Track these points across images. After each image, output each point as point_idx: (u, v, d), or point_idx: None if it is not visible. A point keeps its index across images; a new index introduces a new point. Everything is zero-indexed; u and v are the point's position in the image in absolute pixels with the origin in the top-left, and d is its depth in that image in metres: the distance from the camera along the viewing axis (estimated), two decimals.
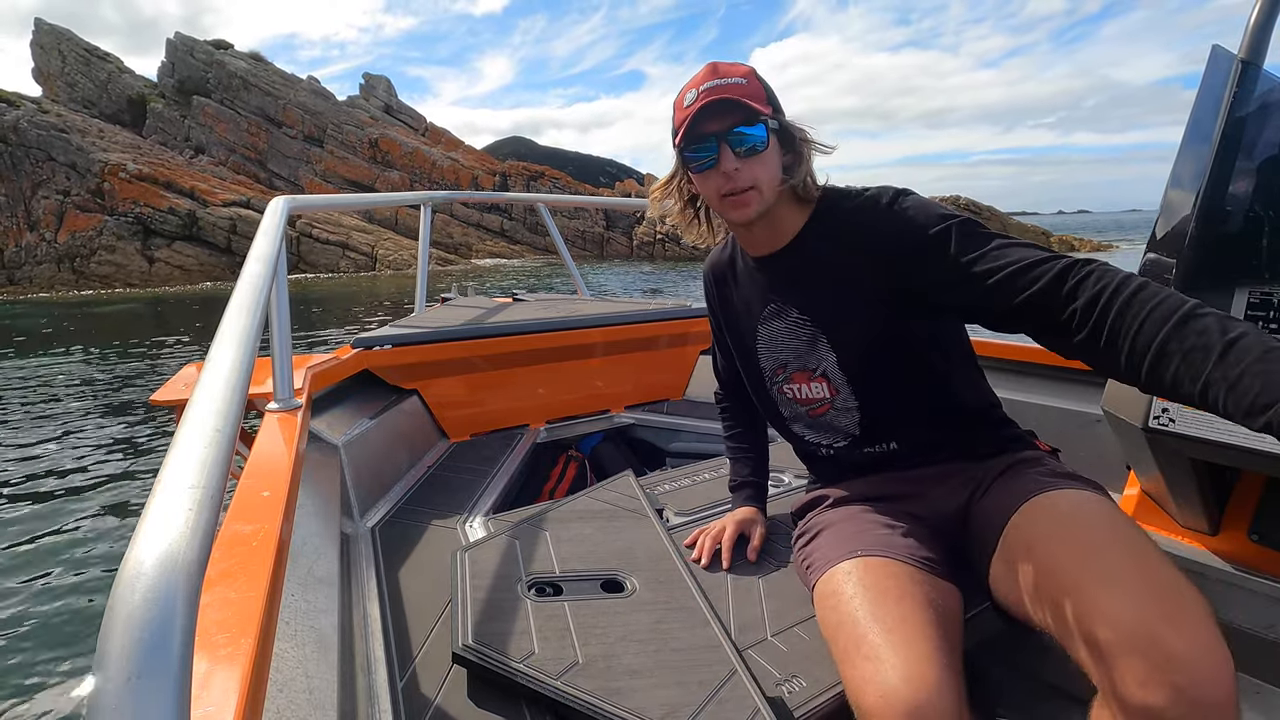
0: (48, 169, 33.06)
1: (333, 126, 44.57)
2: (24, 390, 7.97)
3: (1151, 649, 0.66)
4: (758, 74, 0.95)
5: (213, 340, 0.76)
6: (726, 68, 0.94)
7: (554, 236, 3.12)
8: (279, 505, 0.80)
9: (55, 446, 5.51)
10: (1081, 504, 0.84)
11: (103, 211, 31.88)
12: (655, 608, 1.00)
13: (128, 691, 0.31)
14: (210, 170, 39.40)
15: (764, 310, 1.07)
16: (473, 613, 0.96)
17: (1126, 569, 0.72)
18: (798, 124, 0.97)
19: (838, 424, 1.05)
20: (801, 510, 1.15)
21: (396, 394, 1.83)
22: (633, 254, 43.27)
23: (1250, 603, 1.07)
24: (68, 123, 35.34)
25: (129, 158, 34.20)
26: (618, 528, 1.24)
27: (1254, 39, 0.89)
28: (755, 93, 0.92)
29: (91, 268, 30.50)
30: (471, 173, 46.02)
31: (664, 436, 2.12)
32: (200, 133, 42.56)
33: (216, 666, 0.51)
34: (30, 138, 33.26)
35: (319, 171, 42.93)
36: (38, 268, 30.87)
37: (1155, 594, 0.69)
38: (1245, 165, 0.92)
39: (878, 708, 0.74)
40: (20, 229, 32.26)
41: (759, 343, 1.10)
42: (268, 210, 1.39)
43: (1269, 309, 0.92)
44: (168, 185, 33.10)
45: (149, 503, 0.44)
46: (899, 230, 0.90)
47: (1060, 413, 1.50)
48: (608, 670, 0.86)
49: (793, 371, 1.06)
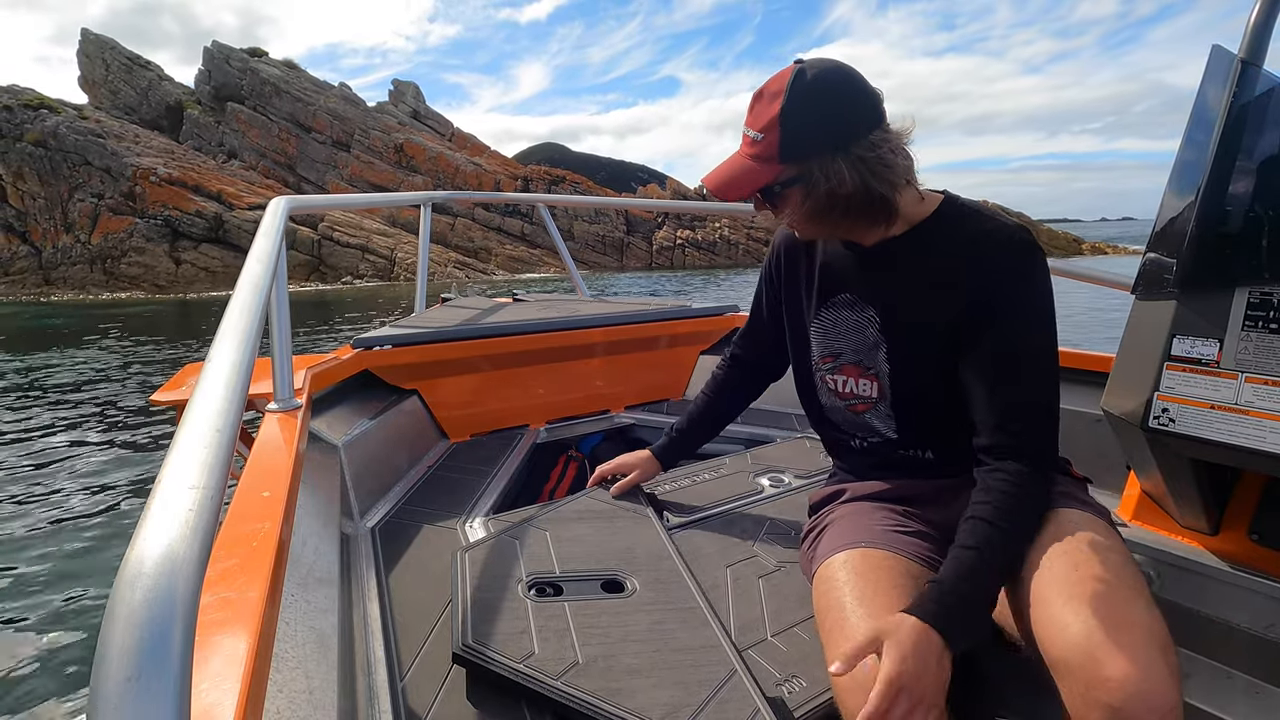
0: (84, 173, 34.08)
1: (360, 132, 45.34)
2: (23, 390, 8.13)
3: (1091, 668, 0.68)
4: (793, 105, 0.85)
5: (213, 340, 0.76)
6: (756, 110, 0.89)
7: (554, 237, 3.12)
8: (279, 505, 0.80)
9: (56, 447, 5.58)
10: (1070, 523, 0.86)
11: (134, 214, 32.77)
12: (655, 608, 1.00)
13: (128, 691, 0.31)
14: (241, 175, 40.29)
15: (836, 296, 1.04)
16: (473, 613, 0.97)
17: (1088, 588, 0.74)
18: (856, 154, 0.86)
19: (875, 424, 1.05)
20: (817, 505, 1.15)
21: (396, 394, 1.84)
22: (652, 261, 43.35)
23: (1250, 603, 1.06)
24: (105, 128, 36.42)
25: (160, 162, 35.10)
26: (617, 528, 1.24)
27: (1254, 39, 0.89)
28: (767, 152, 0.88)
29: (122, 269, 31.37)
30: (494, 177, 46.50)
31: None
32: (233, 138, 43.51)
33: (216, 667, 0.51)
34: (68, 142, 34.33)
35: (345, 176, 43.66)
36: (72, 268, 31.83)
37: (1106, 614, 0.71)
38: (1245, 165, 0.92)
39: (848, 688, 0.75)
40: (57, 230, 33.30)
41: (817, 325, 1.08)
42: (268, 210, 1.40)
43: (1269, 309, 0.92)
44: (196, 189, 33.90)
45: (149, 503, 0.44)
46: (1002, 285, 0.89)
47: (1060, 413, 1.49)
48: (608, 670, 0.86)
49: (845, 363, 1.05)
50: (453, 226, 39.85)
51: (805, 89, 0.85)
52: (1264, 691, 1.02)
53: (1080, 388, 1.52)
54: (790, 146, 0.87)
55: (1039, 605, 0.77)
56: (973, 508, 0.86)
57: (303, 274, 32.31)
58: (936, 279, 0.94)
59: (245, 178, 39.85)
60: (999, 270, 0.89)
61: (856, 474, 1.13)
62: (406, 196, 3.29)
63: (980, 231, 0.92)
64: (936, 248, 0.94)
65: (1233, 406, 0.94)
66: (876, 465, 1.09)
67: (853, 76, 0.87)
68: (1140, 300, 1.05)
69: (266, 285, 0.99)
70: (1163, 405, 0.99)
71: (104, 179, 33.94)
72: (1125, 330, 1.07)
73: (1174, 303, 0.98)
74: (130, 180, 33.45)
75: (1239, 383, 0.94)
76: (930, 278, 0.95)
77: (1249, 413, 0.93)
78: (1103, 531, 0.85)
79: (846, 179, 0.86)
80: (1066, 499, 0.92)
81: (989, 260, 0.90)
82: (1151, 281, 1.02)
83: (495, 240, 41.52)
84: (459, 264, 36.47)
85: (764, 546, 1.22)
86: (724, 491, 1.45)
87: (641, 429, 2.16)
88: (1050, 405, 0.91)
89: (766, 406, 2.16)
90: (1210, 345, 0.96)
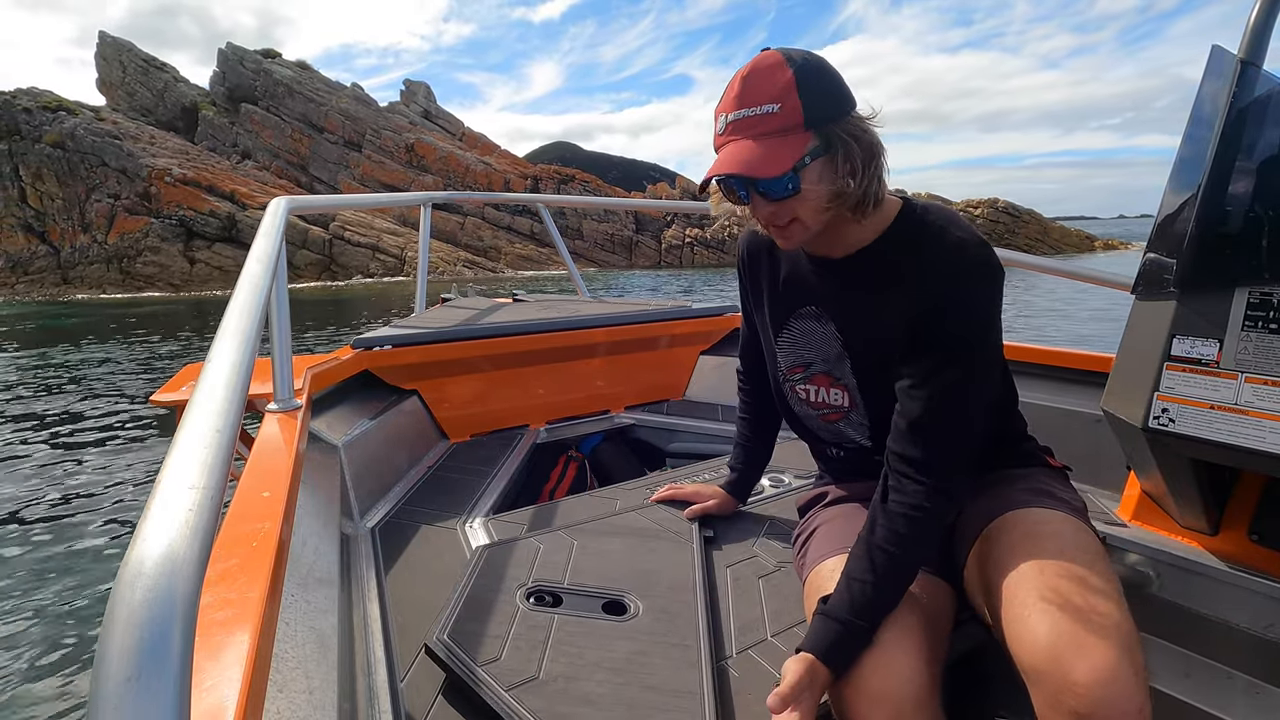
0: (100, 173, 34.61)
1: (371, 132, 45.65)
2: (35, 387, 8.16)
3: (1057, 673, 0.68)
4: (803, 74, 0.79)
5: (213, 340, 0.76)
6: (756, 85, 0.80)
7: (554, 236, 3.12)
8: (279, 505, 0.80)
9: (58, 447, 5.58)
10: (1046, 522, 0.85)
11: (149, 214, 33.24)
12: (646, 638, 0.94)
13: (128, 691, 0.31)
14: (254, 175, 40.71)
15: (801, 308, 1.02)
16: (461, 610, 0.96)
17: (1059, 591, 0.74)
18: (860, 127, 0.82)
19: (849, 433, 1.04)
20: (804, 507, 1.16)
21: (396, 394, 1.83)
22: (661, 259, 43.31)
23: (1250, 603, 1.06)
24: (121, 129, 36.95)
25: (175, 162, 35.57)
26: (651, 548, 1.19)
27: (1254, 39, 0.89)
28: (788, 122, 0.79)
29: (137, 268, 31.82)
30: (504, 176, 46.66)
31: (664, 437, 2.12)
32: (247, 138, 43.97)
33: (216, 667, 0.51)
34: (86, 144, 34.87)
35: (357, 176, 43.98)
36: (89, 268, 32.31)
37: (1074, 619, 0.71)
38: (1245, 165, 0.92)
39: (843, 692, 0.76)
40: (75, 230, 33.82)
41: (784, 336, 1.06)
42: (267, 211, 1.39)
43: (1269, 309, 0.92)
44: (210, 189, 34.34)
45: (149, 503, 0.43)
46: (946, 301, 0.86)
47: (1060, 413, 1.49)
48: (562, 693, 0.82)
49: (815, 373, 1.04)
50: (462, 225, 40.04)
51: (803, 59, 0.81)
52: (1264, 691, 1.02)
53: (1080, 388, 1.51)
54: (814, 110, 0.79)
55: (1008, 610, 0.77)
56: (873, 529, 0.85)
57: (314, 273, 32.61)
58: (888, 293, 0.91)
59: (258, 178, 40.25)
60: (947, 286, 0.86)
61: (838, 478, 1.13)
62: (406, 197, 3.29)
63: (935, 248, 0.87)
64: (890, 262, 0.91)
65: (1232, 407, 0.94)
66: (856, 471, 1.08)
67: None
68: (1140, 300, 1.05)
69: (266, 285, 0.98)
70: (1163, 405, 1.00)
71: (120, 180, 34.43)
72: (1125, 330, 1.07)
73: (1174, 303, 0.98)
74: (146, 181, 33.92)
75: (1239, 383, 0.94)
76: (883, 292, 0.92)
77: (1249, 413, 0.93)
78: (1072, 529, 0.85)
79: (861, 150, 0.82)
80: (1039, 497, 0.91)
81: (938, 277, 0.87)
82: (1151, 281, 1.02)
83: (505, 239, 41.66)
84: (469, 263, 36.65)
85: (764, 546, 1.21)
86: None
87: (641, 429, 2.16)
88: (967, 425, 0.87)
89: None
90: (1210, 345, 0.96)
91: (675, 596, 1.04)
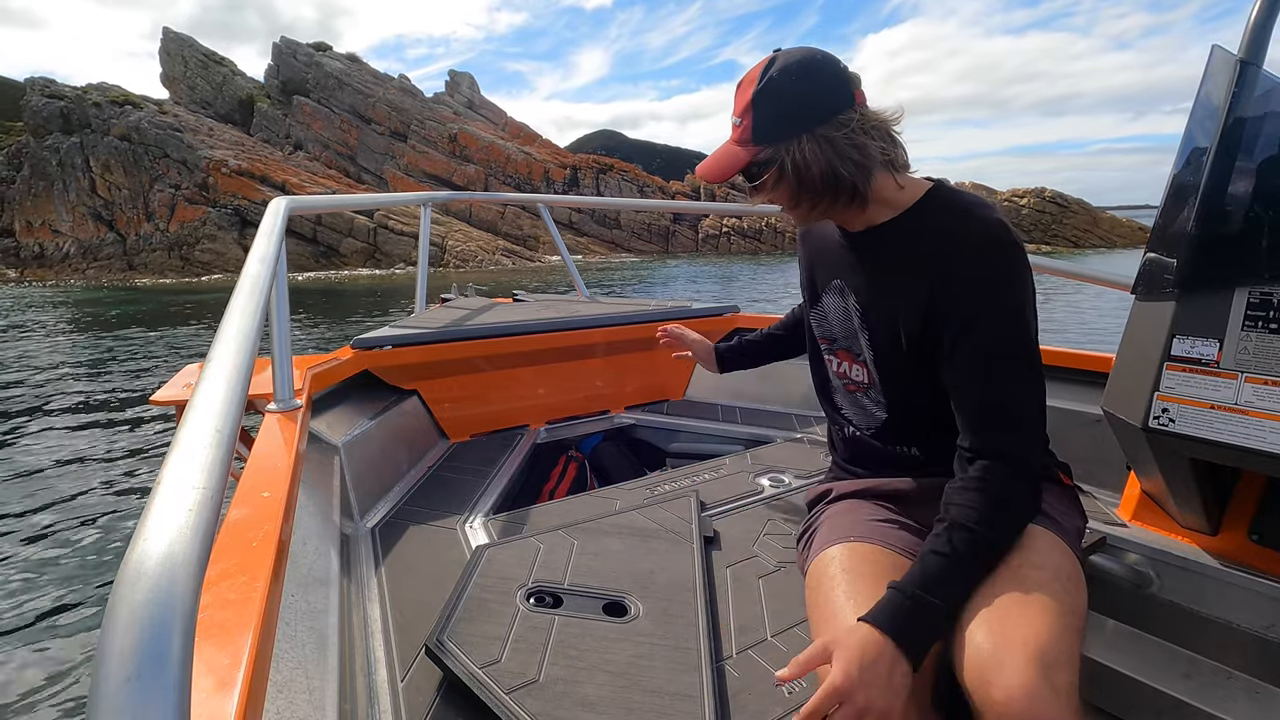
0: (163, 165, 36.25)
1: (416, 123, 46.49)
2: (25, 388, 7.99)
3: (980, 690, 0.70)
4: (762, 95, 0.89)
5: (213, 340, 0.75)
6: (737, 97, 0.93)
7: (554, 236, 3.09)
8: (279, 505, 0.80)
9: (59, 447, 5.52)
10: (1020, 537, 0.86)
11: (207, 204, 34.68)
12: (647, 641, 0.94)
13: (127, 691, 0.31)
14: (305, 165, 42.00)
15: (831, 282, 1.07)
16: (461, 610, 0.96)
17: (1000, 607, 0.76)
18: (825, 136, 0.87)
19: (868, 405, 1.07)
20: (811, 503, 1.17)
21: (396, 394, 1.83)
22: (699, 247, 43.06)
23: (1250, 603, 1.06)
24: (182, 122, 38.57)
25: (231, 154, 36.98)
26: (650, 548, 1.19)
27: (1254, 39, 0.88)
28: (744, 135, 0.91)
29: (195, 255, 33.29)
30: (544, 166, 46.99)
31: (664, 437, 2.12)
32: (299, 130, 45.27)
33: (216, 667, 0.51)
34: (150, 136, 36.55)
35: (402, 166, 44.89)
36: (152, 255, 33.97)
37: (1002, 637, 0.72)
38: (1245, 165, 0.91)
39: None
40: (139, 219, 35.58)
41: (818, 311, 1.12)
42: (268, 211, 1.38)
43: (1269, 309, 0.91)
44: (263, 179, 35.59)
45: (149, 503, 0.43)
46: (966, 283, 0.88)
47: (1060, 413, 1.48)
48: (562, 696, 0.82)
49: (839, 348, 1.09)
50: (503, 215, 40.49)
51: (773, 74, 0.89)
52: (1264, 691, 1.01)
53: (1080, 388, 1.50)
54: (762, 128, 0.90)
55: (956, 625, 0.78)
56: (947, 509, 0.85)
57: (359, 260, 33.51)
58: (903, 271, 0.94)
59: (309, 168, 41.49)
60: (964, 267, 0.88)
61: (848, 469, 1.15)
62: (406, 197, 3.30)
63: (952, 226, 0.90)
64: (908, 240, 0.94)
65: (1232, 406, 0.94)
66: (865, 458, 1.11)
67: (821, 60, 0.89)
68: (1140, 300, 1.05)
69: (266, 285, 0.98)
70: (1163, 405, 1.00)
71: (181, 170, 35.99)
72: (1125, 330, 1.07)
73: (1174, 303, 0.98)
74: (204, 171, 35.39)
75: (1239, 383, 0.94)
76: (898, 269, 0.94)
77: (1249, 413, 0.93)
78: (1044, 545, 0.85)
79: (812, 159, 0.87)
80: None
81: (955, 257, 0.89)
82: (1151, 281, 1.02)
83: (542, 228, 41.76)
84: (508, 251, 37.10)
85: (764, 546, 1.22)
86: (725, 492, 1.45)
87: (641, 429, 2.16)
88: (1026, 405, 0.89)
89: (766, 407, 2.17)
90: (1210, 345, 0.96)
91: (675, 596, 1.04)
